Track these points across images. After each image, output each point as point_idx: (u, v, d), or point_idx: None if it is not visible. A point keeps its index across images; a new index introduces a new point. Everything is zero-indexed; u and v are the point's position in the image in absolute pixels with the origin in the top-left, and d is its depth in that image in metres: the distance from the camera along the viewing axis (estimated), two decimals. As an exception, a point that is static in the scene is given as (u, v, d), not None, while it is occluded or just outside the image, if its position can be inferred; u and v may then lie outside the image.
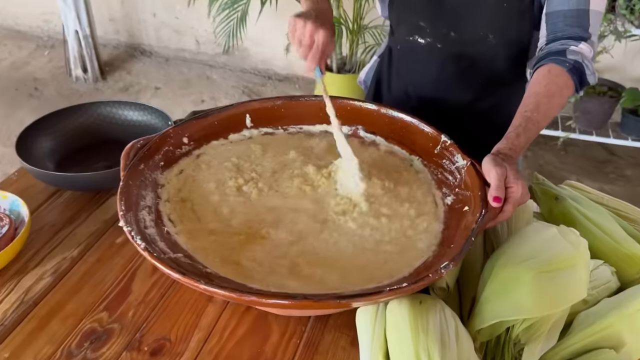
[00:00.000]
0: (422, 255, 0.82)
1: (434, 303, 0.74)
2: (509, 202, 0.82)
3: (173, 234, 0.84)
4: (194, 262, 0.78)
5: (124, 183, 0.87)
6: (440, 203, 0.93)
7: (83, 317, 0.86)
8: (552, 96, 0.94)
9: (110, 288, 0.91)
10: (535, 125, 0.92)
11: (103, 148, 1.23)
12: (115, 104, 1.27)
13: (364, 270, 0.80)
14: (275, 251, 0.83)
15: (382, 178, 0.97)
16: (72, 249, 0.98)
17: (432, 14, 1.12)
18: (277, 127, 1.12)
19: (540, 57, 0.99)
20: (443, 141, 0.99)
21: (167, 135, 1.00)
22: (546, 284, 0.74)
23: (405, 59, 1.22)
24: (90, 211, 1.07)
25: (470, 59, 1.13)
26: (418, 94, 1.22)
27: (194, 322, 0.85)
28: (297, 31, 0.92)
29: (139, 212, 0.85)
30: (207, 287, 0.68)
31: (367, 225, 0.87)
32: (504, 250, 0.81)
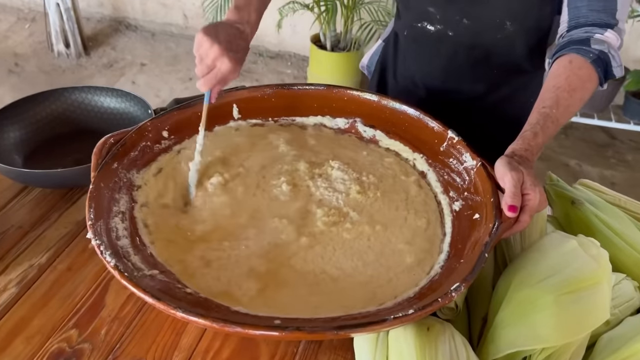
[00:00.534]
0: (429, 271, 0.74)
1: (443, 329, 0.66)
2: (526, 211, 0.73)
3: (148, 245, 0.75)
4: (171, 280, 0.69)
5: (95, 186, 0.77)
6: (447, 209, 0.85)
7: (50, 335, 0.77)
8: (574, 90, 0.84)
9: (82, 301, 0.82)
10: (554, 123, 0.82)
11: (77, 138, 1.13)
12: (91, 90, 1.16)
13: (366, 288, 0.71)
14: (261, 266, 0.74)
15: (380, 182, 0.88)
16: (41, 255, 0.89)
17: (443, 0, 1.01)
18: (267, 118, 1.03)
19: (561, 46, 0.89)
20: (450, 137, 0.90)
21: (145, 129, 0.90)
22: (567, 308, 0.66)
23: (413, 46, 1.11)
24: (61, 211, 0.97)
25: (485, 48, 1.03)
26: (426, 84, 1.11)
27: (173, 341, 0.76)
28: (203, 49, 0.83)
29: (111, 220, 0.75)
30: (184, 316, 0.60)
31: (364, 237, 0.79)
32: (519, 266, 0.73)
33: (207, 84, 0.86)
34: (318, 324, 0.63)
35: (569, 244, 0.74)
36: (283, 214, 0.82)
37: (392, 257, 0.76)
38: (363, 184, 0.88)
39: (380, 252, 0.77)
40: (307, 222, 0.81)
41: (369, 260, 0.75)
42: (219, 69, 0.84)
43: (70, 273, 0.86)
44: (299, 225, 0.80)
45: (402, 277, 0.73)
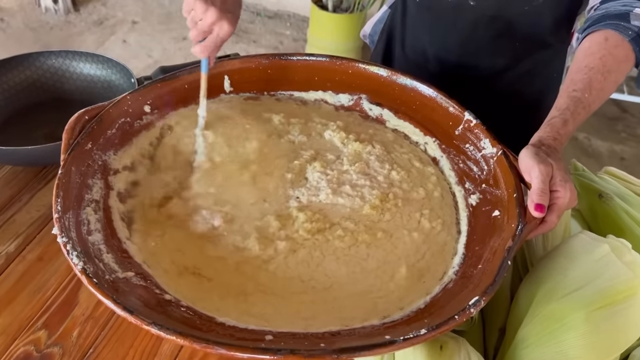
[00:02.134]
0: (440, 278, 0.66)
1: (457, 347, 0.58)
2: (554, 210, 0.64)
3: (124, 240, 0.66)
4: (148, 285, 0.61)
5: (64, 170, 0.68)
6: (462, 204, 0.76)
7: (16, 336, 0.69)
8: (609, 72, 0.74)
9: (53, 297, 0.74)
10: (586, 109, 0.73)
11: (53, 108, 1.03)
12: (69, 54, 1.05)
13: (365, 298, 0.63)
14: (249, 270, 0.66)
15: (386, 169, 0.79)
16: (9, 242, 0.80)
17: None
18: (263, 92, 0.92)
19: (595, 20, 0.78)
20: (467, 120, 0.80)
21: (124, 103, 0.80)
22: (599, 325, 0.58)
23: (426, 16, 0.99)
24: (33, 192, 0.88)
25: (508, 20, 0.91)
26: (439, 58, 1.00)
27: (152, 347, 0.69)
28: (196, 13, 0.72)
29: (82, 211, 0.66)
30: (160, 333, 0.51)
31: (362, 242, 0.70)
32: (543, 274, 0.64)
33: (205, 50, 0.75)
34: (314, 343, 0.54)
35: (600, 249, 0.65)
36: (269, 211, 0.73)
37: (396, 264, 0.67)
38: (371, 172, 0.79)
39: (384, 259, 0.68)
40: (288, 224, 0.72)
41: (369, 269, 0.67)
42: (217, 34, 0.74)
43: (41, 264, 0.78)
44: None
45: (410, 286, 0.64)
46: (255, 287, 0.63)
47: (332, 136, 0.85)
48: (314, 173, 0.78)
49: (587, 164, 0.95)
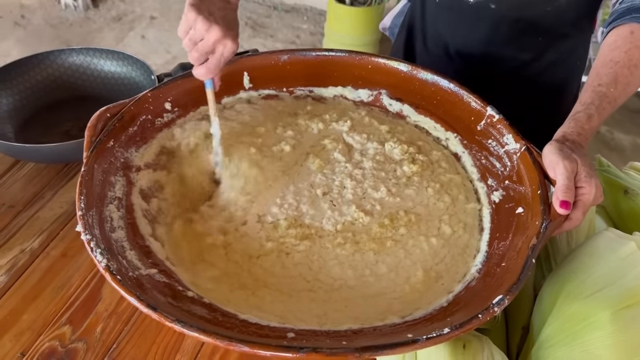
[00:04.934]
0: (460, 280, 0.65)
1: (481, 346, 0.58)
2: (579, 207, 0.63)
3: (147, 237, 0.67)
4: (171, 282, 0.61)
5: (87, 168, 0.68)
6: (485, 200, 0.75)
7: (42, 331, 0.70)
8: (635, 66, 0.73)
9: (76, 293, 0.75)
10: (611, 104, 0.71)
11: (75, 105, 1.04)
12: (90, 52, 1.06)
13: (378, 300, 0.62)
14: (272, 268, 0.66)
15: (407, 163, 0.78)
16: (33, 239, 0.81)
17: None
18: (282, 88, 0.92)
19: (620, 14, 0.76)
20: (489, 115, 0.79)
21: (145, 101, 0.80)
22: (627, 325, 0.57)
23: (446, 15, 0.97)
24: (56, 188, 0.89)
25: (531, 21, 0.90)
26: (462, 53, 0.98)
27: (175, 343, 0.69)
28: (195, 32, 0.66)
29: (105, 208, 0.67)
30: (183, 330, 0.52)
31: (368, 249, 0.69)
32: (568, 272, 0.63)
33: (209, 72, 0.70)
34: (336, 341, 0.54)
35: (627, 246, 0.64)
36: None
37: (411, 268, 0.67)
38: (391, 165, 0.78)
39: (395, 264, 0.68)
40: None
41: (379, 272, 0.66)
42: (221, 53, 0.68)
43: (65, 260, 0.79)
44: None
45: (426, 287, 0.64)
46: (254, 282, 0.63)
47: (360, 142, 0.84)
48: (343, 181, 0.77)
49: (610, 158, 0.94)
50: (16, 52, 2.74)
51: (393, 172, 0.78)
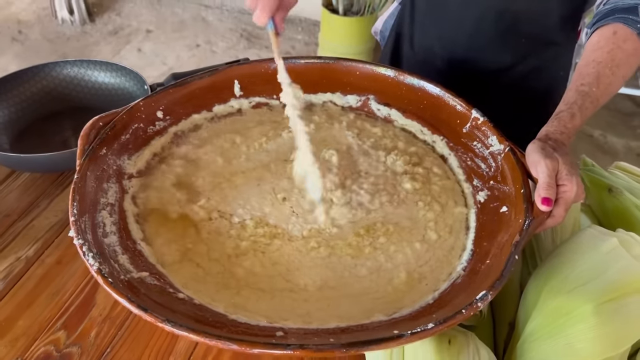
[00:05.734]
0: (450, 273, 0.66)
1: (466, 341, 0.59)
2: (561, 204, 0.65)
3: (138, 241, 0.68)
4: (162, 284, 0.62)
5: (80, 175, 0.70)
6: (470, 200, 0.76)
7: (37, 337, 0.71)
8: (617, 66, 0.74)
9: (71, 299, 0.76)
10: (594, 104, 0.73)
11: (70, 116, 1.06)
12: (84, 64, 1.08)
13: (360, 300, 0.63)
14: (273, 263, 0.67)
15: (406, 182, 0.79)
16: (28, 247, 0.83)
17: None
18: (272, 96, 0.94)
19: (604, 15, 0.78)
20: (474, 118, 0.81)
21: (137, 109, 0.82)
22: (608, 319, 0.58)
23: (434, 11, 1.00)
24: (51, 197, 0.91)
25: (515, 15, 0.92)
26: (446, 53, 1.01)
27: (168, 345, 0.70)
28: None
29: (98, 214, 0.68)
30: (173, 330, 0.53)
31: (345, 254, 0.69)
32: (551, 268, 0.65)
33: (264, 10, 0.68)
34: (323, 338, 0.55)
35: (609, 242, 0.65)
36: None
37: (393, 271, 0.67)
38: None
39: (392, 254, 0.69)
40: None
41: (359, 274, 0.67)
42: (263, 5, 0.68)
43: (60, 267, 0.80)
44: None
45: (409, 288, 0.65)
46: (237, 282, 0.64)
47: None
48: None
49: (603, 161, 0.95)
50: (14, 67, 2.76)
51: (392, 187, 0.78)
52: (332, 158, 0.80)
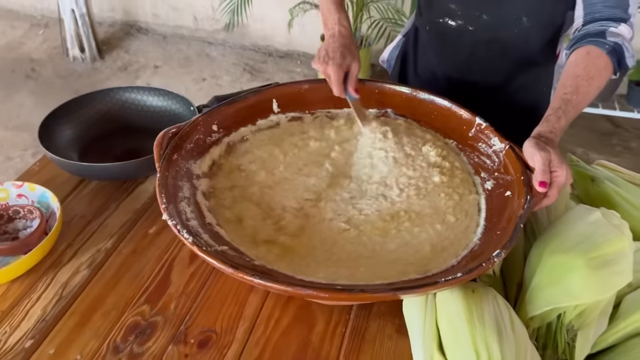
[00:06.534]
0: (468, 244, 0.82)
1: (486, 292, 0.74)
2: (554, 186, 0.81)
3: (214, 225, 0.83)
4: (240, 255, 0.77)
5: (161, 175, 0.85)
6: (480, 189, 0.93)
7: (124, 310, 0.85)
8: (592, 78, 0.92)
9: (149, 280, 0.90)
10: (575, 108, 0.90)
11: (125, 135, 1.21)
12: (135, 90, 1.24)
13: (394, 265, 0.79)
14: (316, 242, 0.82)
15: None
16: (106, 241, 0.97)
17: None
18: (305, 111, 1.10)
19: (578, 39, 0.96)
20: (478, 124, 0.98)
21: (197, 124, 0.98)
22: (596, 270, 0.74)
23: (434, 41, 1.19)
24: (119, 201, 1.05)
25: (502, 43, 1.11)
26: (446, 76, 1.19)
27: (237, 312, 0.85)
28: (324, 73, 1.03)
29: (179, 204, 0.83)
30: (261, 282, 0.68)
31: (405, 217, 0.86)
32: (549, 237, 0.81)
33: (336, 88, 1.02)
34: (377, 286, 0.70)
35: (594, 215, 0.82)
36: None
37: (419, 246, 0.83)
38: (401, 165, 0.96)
39: (420, 231, 0.85)
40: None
41: (389, 249, 0.83)
42: (337, 77, 1.01)
43: (135, 255, 0.94)
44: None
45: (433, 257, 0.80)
46: (332, 259, 0.80)
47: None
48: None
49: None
50: (29, 103, 2.92)
51: (424, 180, 0.93)
52: (388, 134, 1.00)
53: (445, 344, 0.71)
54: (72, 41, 3.25)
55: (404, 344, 0.80)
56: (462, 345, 0.68)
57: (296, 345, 0.80)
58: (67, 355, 0.79)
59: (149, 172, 1.09)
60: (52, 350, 0.79)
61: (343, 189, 0.93)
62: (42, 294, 0.87)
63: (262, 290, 0.88)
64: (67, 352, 0.79)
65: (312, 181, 0.94)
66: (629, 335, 0.77)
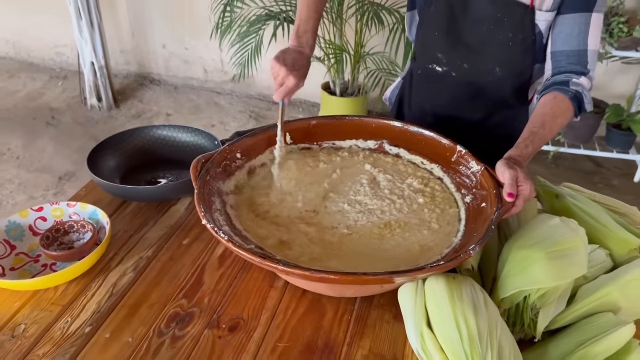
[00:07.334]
0: (450, 244, 1.00)
1: (465, 279, 0.92)
2: (521, 197, 0.99)
3: (242, 231, 1.01)
4: (265, 252, 0.95)
5: (199, 191, 1.04)
6: (461, 203, 1.11)
7: (166, 304, 1.02)
8: (556, 117, 1.13)
9: (185, 280, 1.07)
10: (541, 139, 1.10)
11: (158, 165, 1.40)
12: (168, 127, 1.45)
13: (390, 262, 0.97)
14: (326, 243, 1.01)
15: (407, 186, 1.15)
16: (147, 250, 1.14)
17: (449, 49, 1.30)
18: (313, 142, 1.30)
19: (547, 86, 1.17)
20: (459, 151, 1.18)
21: (225, 152, 1.17)
22: (554, 261, 0.91)
23: (425, 83, 1.41)
24: (156, 219, 1.23)
25: (480, 87, 1.32)
26: (435, 113, 1.40)
27: (260, 304, 1.01)
28: (273, 70, 1.17)
29: (214, 215, 1.01)
30: (285, 269, 0.85)
31: (372, 237, 1.04)
32: (517, 237, 0.99)
33: (279, 96, 1.17)
34: (377, 273, 0.88)
35: (554, 220, 1.00)
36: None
37: (411, 246, 1.01)
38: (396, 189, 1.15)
39: (412, 237, 1.03)
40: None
41: (385, 248, 1.01)
42: (287, 85, 1.15)
43: (172, 262, 1.11)
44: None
45: (428, 251, 0.99)
46: (336, 256, 0.98)
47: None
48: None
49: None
50: (50, 148, 3.13)
51: (410, 200, 1.13)
52: (364, 181, 1.16)
53: (432, 320, 0.87)
54: (90, 91, 3.50)
55: (400, 328, 0.96)
56: (446, 319, 0.85)
57: (310, 330, 0.97)
58: (120, 338, 0.95)
59: (180, 195, 1.28)
60: (108, 335, 0.95)
61: (336, 203, 1.12)
62: (95, 292, 1.04)
63: (282, 286, 1.05)
64: (121, 336, 0.95)
65: (311, 196, 1.14)
66: (583, 316, 0.94)
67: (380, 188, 1.16)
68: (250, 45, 2.83)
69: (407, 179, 1.19)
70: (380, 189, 1.16)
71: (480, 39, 1.27)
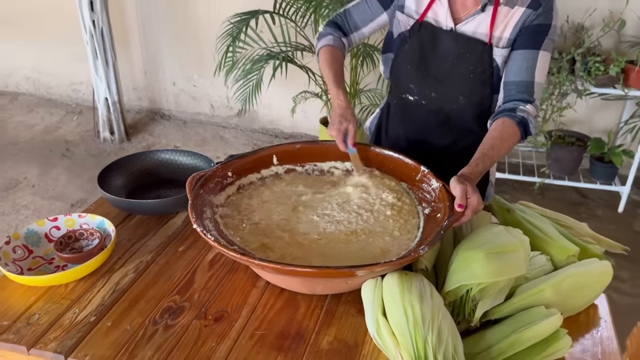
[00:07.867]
0: (407, 249, 1.15)
1: (416, 275, 1.07)
2: (469, 208, 1.15)
3: (229, 236, 1.17)
4: (246, 252, 1.11)
5: (192, 202, 1.20)
6: (421, 214, 1.27)
7: (161, 299, 1.17)
8: (504, 140, 1.29)
9: (179, 280, 1.22)
10: (490, 159, 1.27)
11: (161, 184, 1.57)
12: (168, 152, 1.63)
13: (367, 257, 1.12)
14: (298, 246, 1.16)
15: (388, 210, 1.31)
16: (147, 255, 1.30)
17: (419, 80, 1.49)
18: (297, 164, 1.47)
19: (498, 112, 1.35)
20: (422, 170, 1.34)
21: (217, 170, 1.35)
22: (493, 260, 1.06)
23: (399, 111, 1.59)
24: (156, 229, 1.40)
25: (447, 114, 1.50)
26: (408, 138, 1.58)
27: (243, 300, 1.16)
28: (330, 133, 1.43)
29: (204, 222, 1.18)
30: (260, 262, 1.01)
31: (338, 241, 1.19)
32: (465, 241, 1.14)
33: (340, 145, 1.42)
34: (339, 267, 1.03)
35: (497, 228, 1.15)
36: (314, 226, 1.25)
37: (373, 250, 1.17)
38: None
39: (375, 242, 1.18)
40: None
41: (349, 250, 1.16)
42: (349, 135, 1.42)
43: (168, 265, 1.27)
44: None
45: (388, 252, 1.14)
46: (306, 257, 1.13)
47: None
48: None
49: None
50: (64, 177, 3.33)
51: (377, 212, 1.29)
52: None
53: (387, 309, 1.02)
54: (103, 125, 3.72)
55: (362, 320, 1.10)
56: (396, 307, 0.99)
57: (285, 321, 1.11)
58: (120, 326, 1.10)
59: (178, 209, 1.44)
60: (110, 323, 1.11)
61: (306, 214, 1.28)
62: (100, 289, 1.20)
63: (262, 286, 1.20)
64: (120, 324, 1.10)
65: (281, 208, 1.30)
66: (519, 309, 1.08)
67: (350, 204, 1.32)
68: (252, 81, 3.05)
69: (384, 192, 1.35)
70: (349, 205, 1.32)
71: (445, 71, 1.45)
